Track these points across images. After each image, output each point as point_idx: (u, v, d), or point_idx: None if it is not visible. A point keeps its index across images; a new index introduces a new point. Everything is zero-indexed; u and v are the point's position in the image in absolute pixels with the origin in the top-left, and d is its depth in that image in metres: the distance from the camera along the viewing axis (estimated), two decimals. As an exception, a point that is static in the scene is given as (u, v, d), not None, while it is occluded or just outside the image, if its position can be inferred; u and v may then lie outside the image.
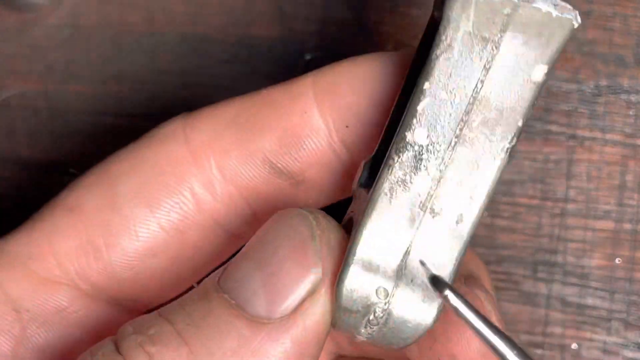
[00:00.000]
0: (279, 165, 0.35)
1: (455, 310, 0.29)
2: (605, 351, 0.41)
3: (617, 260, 0.41)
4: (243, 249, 0.31)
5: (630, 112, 0.41)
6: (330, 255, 0.31)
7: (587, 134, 0.41)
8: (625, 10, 0.41)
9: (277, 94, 0.35)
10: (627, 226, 0.41)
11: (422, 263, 0.31)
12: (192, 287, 0.36)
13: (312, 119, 0.34)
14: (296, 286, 0.30)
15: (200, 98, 0.37)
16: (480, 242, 0.41)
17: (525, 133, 0.41)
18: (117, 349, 0.30)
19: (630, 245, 0.41)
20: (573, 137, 0.41)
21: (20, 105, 0.43)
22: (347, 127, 0.34)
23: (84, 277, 0.35)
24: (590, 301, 0.41)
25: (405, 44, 0.41)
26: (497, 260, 0.41)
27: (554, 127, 0.41)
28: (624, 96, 0.41)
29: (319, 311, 0.30)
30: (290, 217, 0.31)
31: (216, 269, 0.32)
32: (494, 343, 0.29)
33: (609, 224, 0.41)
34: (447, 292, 0.30)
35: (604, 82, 0.41)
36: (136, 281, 0.35)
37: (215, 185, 0.35)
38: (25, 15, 0.43)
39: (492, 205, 0.41)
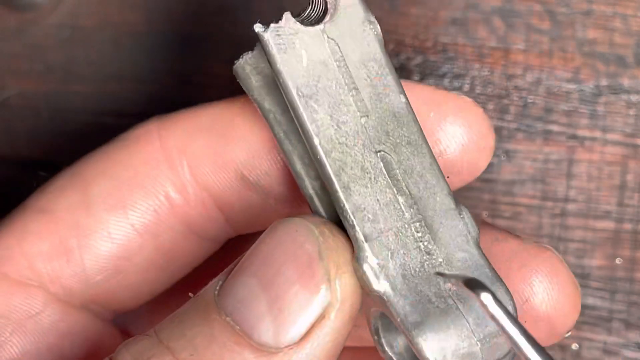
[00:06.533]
0: (250, 177, 0.34)
1: (492, 316, 0.27)
2: (605, 351, 0.41)
3: (617, 261, 0.41)
4: (241, 261, 0.30)
5: (631, 112, 0.41)
6: (339, 276, 0.29)
7: (587, 134, 0.41)
8: (625, 10, 0.41)
9: (251, 104, 0.34)
10: (628, 226, 0.41)
11: (441, 273, 0.29)
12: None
13: None
14: (304, 311, 0.28)
15: (200, 98, 0.37)
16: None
17: (525, 133, 0.41)
18: None
19: (631, 245, 0.41)
20: (573, 137, 0.41)
21: (20, 105, 0.43)
22: None
23: (56, 280, 0.34)
24: (590, 301, 0.41)
25: (405, 44, 0.41)
26: (497, 260, 0.41)
27: (554, 127, 0.41)
28: (624, 96, 0.41)
29: (329, 338, 0.29)
30: (295, 231, 0.29)
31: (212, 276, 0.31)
32: (525, 352, 0.27)
33: (609, 224, 0.41)
34: (484, 296, 0.27)
35: (604, 82, 0.41)
36: (109, 285, 0.34)
37: (188, 190, 0.34)
38: (25, 15, 0.43)
39: (493, 205, 0.41)
